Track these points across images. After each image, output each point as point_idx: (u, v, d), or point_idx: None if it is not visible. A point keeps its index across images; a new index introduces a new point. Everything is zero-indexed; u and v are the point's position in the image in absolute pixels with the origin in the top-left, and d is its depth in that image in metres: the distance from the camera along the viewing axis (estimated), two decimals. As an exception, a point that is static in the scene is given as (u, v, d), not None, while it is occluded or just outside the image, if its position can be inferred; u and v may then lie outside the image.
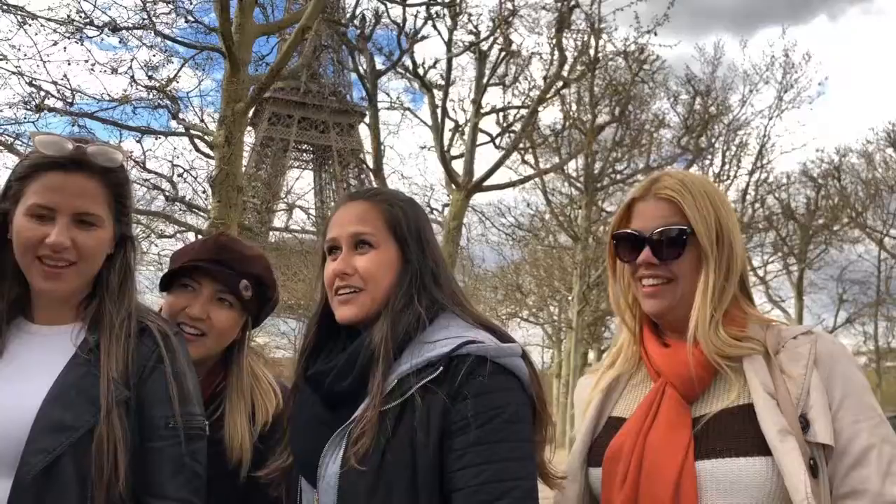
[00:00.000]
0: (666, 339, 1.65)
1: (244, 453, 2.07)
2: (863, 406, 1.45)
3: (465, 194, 16.27)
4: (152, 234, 23.02)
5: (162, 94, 12.72)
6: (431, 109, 16.99)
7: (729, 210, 1.64)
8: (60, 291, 1.71)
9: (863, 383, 1.49)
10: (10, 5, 11.29)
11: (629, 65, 19.52)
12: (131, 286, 1.80)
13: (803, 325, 1.60)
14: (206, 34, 13.42)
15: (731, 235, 1.60)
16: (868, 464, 1.40)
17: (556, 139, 21.21)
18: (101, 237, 1.72)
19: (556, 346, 36.19)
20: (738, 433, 1.44)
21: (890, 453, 1.41)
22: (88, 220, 1.68)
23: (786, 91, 26.21)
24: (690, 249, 1.58)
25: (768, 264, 30.87)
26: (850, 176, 29.26)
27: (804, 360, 1.47)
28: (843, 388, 1.45)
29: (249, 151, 57.93)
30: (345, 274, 1.64)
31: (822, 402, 1.43)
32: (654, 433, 1.50)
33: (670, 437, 1.48)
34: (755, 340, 1.53)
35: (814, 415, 1.42)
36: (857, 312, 31.76)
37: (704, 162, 24.65)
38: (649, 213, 1.63)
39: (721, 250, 1.58)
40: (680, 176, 1.63)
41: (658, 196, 1.63)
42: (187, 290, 2.19)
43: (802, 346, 1.49)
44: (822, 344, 1.50)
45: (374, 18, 15.89)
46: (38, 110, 11.58)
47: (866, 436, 1.41)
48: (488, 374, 1.47)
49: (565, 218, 22.73)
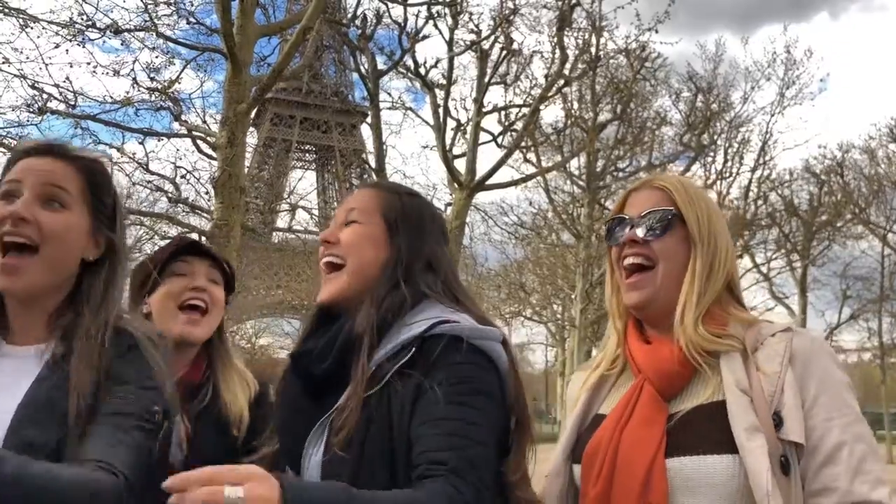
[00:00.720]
0: (648, 336, 1.66)
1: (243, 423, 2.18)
2: (837, 403, 1.44)
3: (467, 193, 16.27)
4: (156, 236, 23.04)
5: (164, 96, 12.74)
6: (433, 109, 17.00)
7: (720, 216, 1.67)
8: (21, 289, 1.53)
9: (839, 380, 1.47)
10: (12, 8, 11.32)
11: (630, 63, 19.50)
12: (115, 298, 1.64)
13: (786, 321, 1.57)
14: (207, 35, 13.46)
15: (718, 235, 1.62)
16: (839, 462, 1.40)
17: (557, 137, 21.19)
18: (68, 220, 1.56)
19: (559, 345, 36.18)
20: (708, 430, 1.45)
21: (861, 451, 1.40)
22: (55, 197, 1.56)
23: (788, 87, 26.21)
24: (674, 232, 1.62)
25: (772, 261, 30.89)
26: (852, 172, 29.25)
27: (779, 357, 1.47)
28: (817, 386, 1.45)
29: (252, 152, 57.97)
30: (327, 242, 1.70)
31: (794, 400, 1.42)
32: (629, 429, 1.51)
33: (643, 433, 1.49)
34: (733, 338, 1.53)
35: (786, 412, 1.42)
36: (861, 309, 31.73)
37: (707, 159, 24.67)
38: (641, 200, 1.69)
39: (707, 243, 1.60)
40: (678, 176, 1.71)
41: (652, 186, 1.70)
42: (180, 276, 2.29)
43: (779, 344, 1.49)
44: (798, 341, 1.49)
45: (376, 18, 15.91)
46: (41, 113, 11.60)
47: (838, 433, 1.41)
48: (463, 353, 1.45)
49: (568, 216, 22.72)
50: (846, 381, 1.49)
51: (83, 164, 1.63)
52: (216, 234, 9.81)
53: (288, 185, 36.91)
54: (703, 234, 1.61)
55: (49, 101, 11.70)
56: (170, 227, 19.56)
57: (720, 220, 1.66)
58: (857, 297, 31.66)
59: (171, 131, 13.13)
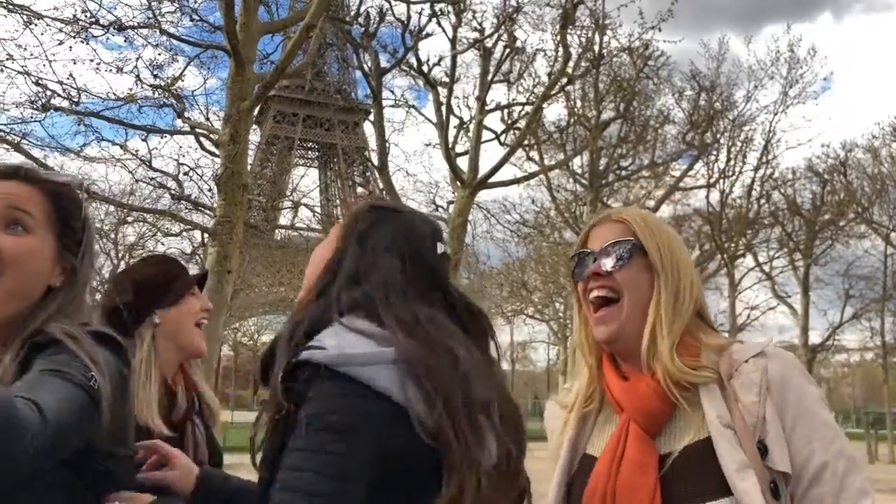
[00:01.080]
0: (624, 371, 1.66)
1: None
2: (815, 425, 1.48)
3: (469, 191, 16.28)
4: (158, 233, 23.06)
5: (167, 93, 12.76)
6: (436, 107, 17.03)
7: (682, 246, 1.69)
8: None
9: (814, 399, 1.51)
10: (16, 5, 11.34)
11: (634, 61, 19.50)
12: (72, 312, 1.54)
13: (755, 343, 1.59)
14: (210, 33, 13.49)
15: (681, 264, 1.64)
16: (823, 482, 1.45)
17: (560, 136, 21.20)
18: (30, 245, 1.50)
19: (561, 343, 36.17)
20: (700, 473, 1.47)
21: (844, 468, 1.45)
22: (18, 221, 1.50)
23: (791, 86, 26.17)
24: (636, 261, 1.64)
25: (774, 260, 30.88)
26: (855, 171, 29.17)
27: (756, 387, 1.49)
28: (794, 410, 1.49)
29: (255, 150, 57.96)
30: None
31: (776, 430, 1.46)
32: (622, 477, 1.52)
33: (638, 482, 1.50)
34: (709, 369, 1.54)
35: (770, 441, 1.46)
36: (864, 308, 31.67)
37: (710, 158, 24.65)
38: (602, 233, 1.70)
39: (670, 272, 1.62)
40: (639, 209, 1.73)
41: (612, 219, 1.72)
42: (193, 296, 2.47)
43: (754, 373, 1.51)
44: (773, 367, 1.52)
45: (379, 16, 15.92)
46: (45, 109, 11.62)
47: (820, 455, 1.46)
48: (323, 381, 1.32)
49: (570, 214, 22.72)
50: (818, 397, 1.53)
51: (50, 187, 1.58)
52: (219, 231, 9.82)
53: (290, 182, 36.94)
54: (665, 263, 1.63)
55: (52, 97, 11.73)
56: (172, 224, 19.64)
57: (682, 249, 1.69)
58: (859, 297, 31.62)
59: (175, 128, 13.15)
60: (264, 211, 22.50)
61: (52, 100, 11.72)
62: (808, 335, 29.71)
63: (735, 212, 26.85)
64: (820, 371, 47.34)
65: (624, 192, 25.07)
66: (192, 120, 13.14)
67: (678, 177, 23.51)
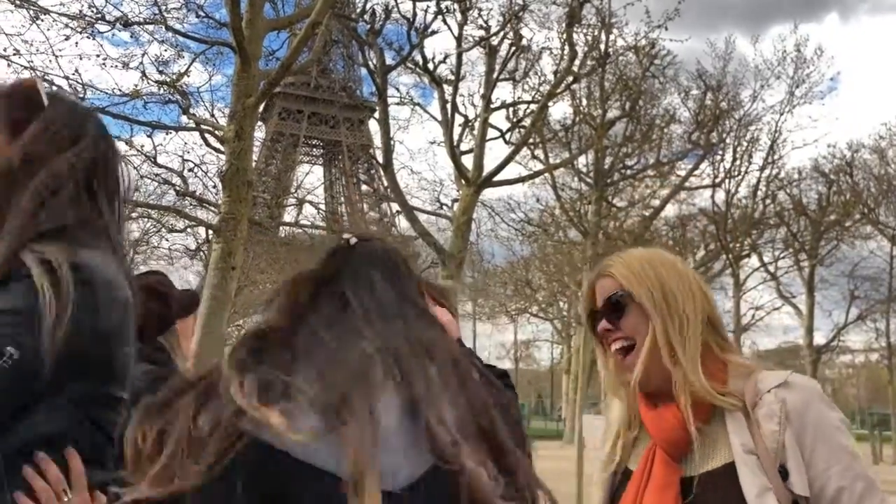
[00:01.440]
0: (656, 401, 1.76)
1: None
2: (833, 450, 1.57)
3: (474, 189, 16.27)
4: (163, 229, 23.06)
5: (173, 89, 12.79)
6: (441, 105, 17.00)
7: (671, 270, 1.78)
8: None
9: (832, 425, 1.60)
10: (23, 0, 11.35)
11: (640, 60, 19.46)
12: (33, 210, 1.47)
13: (778, 373, 1.67)
14: (216, 29, 13.50)
15: (675, 293, 1.74)
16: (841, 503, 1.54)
17: (566, 134, 21.16)
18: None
19: (565, 342, 36.21)
20: (722, 498, 1.57)
21: (861, 489, 1.55)
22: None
23: (797, 86, 26.11)
24: (632, 308, 1.76)
25: (779, 260, 30.82)
26: (862, 171, 29.07)
27: (776, 416, 1.59)
28: (812, 437, 1.58)
29: (260, 146, 58.02)
30: None
31: (796, 456, 1.56)
32: (647, 497, 1.64)
33: (659, 498, 1.62)
34: (734, 396, 1.65)
35: (790, 467, 1.56)
36: (869, 309, 31.62)
37: (715, 157, 24.61)
38: (601, 290, 1.84)
39: (664, 310, 1.72)
40: (623, 254, 1.84)
41: (602, 275, 1.84)
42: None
43: (775, 404, 1.60)
44: (791, 398, 1.61)
45: (385, 13, 15.91)
46: (50, 105, 11.64)
47: (836, 480, 1.55)
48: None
49: (575, 213, 22.67)
50: (839, 424, 1.61)
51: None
52: (223, 227, 9.83)
53: (295, 179, 36.90)
54: (656, 301, 1.73)
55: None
56: (177, 221, 19.62)
57: (671, 275, 1.77)
58: (864, 298, 31.57)
59: (180, 124, 13.20)
60: (269, 208, 22.55)
61: (58, 95, 11.74)
62: (812, 336, 29.68)
63: (740, 212, 26.80)
64: (824, 372, 47.28)
65: (629, 191, 25.01)
66: (198, 116, 13.17)
67: (683, 176, 23.47)
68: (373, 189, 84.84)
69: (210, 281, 9.89)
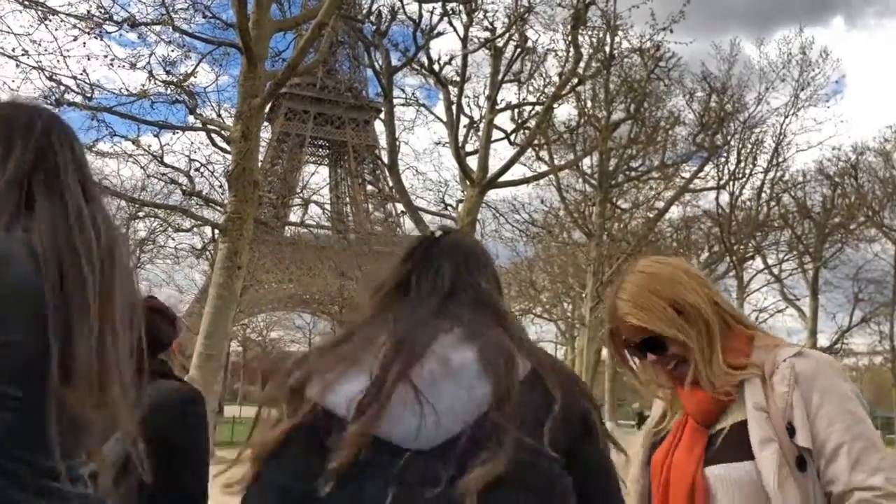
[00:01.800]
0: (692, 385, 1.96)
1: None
2: (838, 411, 1.74)
3: (479, 190, 16.32)
4: (169, 228, 23.14)
5: (179, 90, 12.87)
6: (446, 106, 17.06)
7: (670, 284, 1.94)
8: None
9: (841, 392, 1.77)
10: (32, 1, 11.44)
11: (645, 62, 19.50)
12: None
13: (795, 345, 1.89)
14: (223, 30, 13.58)
15: (685, 303, 1.91)
16: (839, 458, 1.70)
17: (570, 136, 21.21)
18: None
19: (569, 343, 36.16)
20: (737, 444, 1.78)
21: (859, 448, 1.69)
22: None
23: (802, 89, 26.18)
24: (668, 340, 1.92)
25: (783, 262, 30.80)
26: (866, 174, 29.07)
27: (787, 379, 1.78)
28: (819, 399, 1.76)
29: (266, 146, 58.06)
30: None
31: (801, 414, 1.75)
32: (678, 452, 1.89)
33: (688, 456, 1.86)
34: (754, 366, 1.85)
35: (796, 423, 1.74)
36: (873, 312, 31.59)
37: (720, 160, 24.64)
38: (627, 332, 1.97)
39: (689, 319, 1.90)
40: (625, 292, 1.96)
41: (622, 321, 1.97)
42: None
43: (787, 369, 1.80)
44: (801, 365, 1.80)
45: (391, 14, 15.98)
46: (58, 105, 11.73)
47: (837, 437, 1.71)
48: None
49: (579, 214, 22.73)
50: (849, 392, 1.78)
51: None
52: (229, 227, 9.89)
53: (301, 179, 36.96)
54: (681, 328, 1.89)
55: (66, 93, 11.85)
56: (183, 220, 19.74)
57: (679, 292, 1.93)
58: (869, 300, 31.54)
59: (186, 124, 13.30)
60: (274, 208, 22.62)
61: (66, 95, 11.84)
62: (816, 338, 29.65)
63: (744, 214, 26.82)
64: (828, 375, 47.05)
65: (633, 192, 25.06)
66: (204, 116, 13.25)
67: (688, 178, 23.51)
68: (378, 189, 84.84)
69: (216, 280, 9.96)
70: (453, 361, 1.21)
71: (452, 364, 1.20)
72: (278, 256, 62.64)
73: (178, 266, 32.72)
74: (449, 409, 1.16)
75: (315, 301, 51.23)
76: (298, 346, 70.49)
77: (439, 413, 1.15)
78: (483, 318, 1.33)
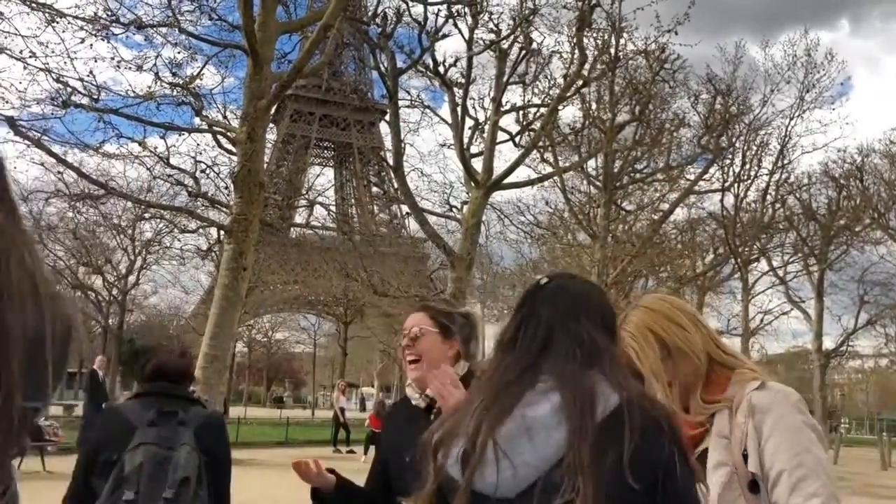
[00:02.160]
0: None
1: None
2: (785, 441, 1.90)
3: (484, 192, 16.35)
4: (175, 229, 23.21)
5: (186, 91, 12.90)
6: (451, 107, 17.09)
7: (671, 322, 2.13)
8: None
9: (793, 423, 1.93)
10: (39, 3, 11.50)
11: (650, 64, 19.50)
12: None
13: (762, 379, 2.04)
14: (229, 32, 13.62)
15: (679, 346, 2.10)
16: (780, 484, 1.86)
17: (575, 138, 21.21)
18: None
19: (574, 345, 36.11)
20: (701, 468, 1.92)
21: (799, 474, 1.85)
22: None
23: (807, 91, 26.12)
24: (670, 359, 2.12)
25: (788, 264, 30.74)
26: (872, 176, 28.97)
27: (744, 411, 1.97)
28: (770, 429, 1.93)
29: (271, 148, 58.15)
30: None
31: (753, 443, 1.92)
32: None
33: None
34: (726, 399, 2.03)
35: (749, 450, 1.92)
36: (879, 314, 31.47)
37: (725, 162, 24.59)
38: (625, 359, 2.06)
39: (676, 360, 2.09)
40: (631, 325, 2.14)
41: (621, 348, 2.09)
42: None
43: (746, 401, 1.98)
44: (757, 397, 1.97)
45: (396, 16, 16.02)
46: (65, 106, 11.79)
47: (780, 464, 1.87)
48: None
49: (584, 216, 22.72)
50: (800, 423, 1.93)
51: None
52: (235, 228, 9.93)
53: (306, 181, 36.98)
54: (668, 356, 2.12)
55: (73, 94, 11.89)
56: (189, 221, 19.76)
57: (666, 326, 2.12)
58: (874, 303, 31.43)
59: (192, 126, 13.30)
60: (280, 209, 22.64)
61: (73, 97, 11.89)
62: (821, 340, 29.59)
63: (749, 216, 26.78)
64: (833, 377, 47.04)
65: (638, 194, 25.04)
66: (210, 118, 13.28)
67: (693, 180, 23.47)
68: (383, 191, 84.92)
69: (221, 281, 10.00)
70: (528, 417, 1.41)
71: (527, 420, 1.41)
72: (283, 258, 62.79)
73: (183, 267, 32.88)
74: (523, 463, 1.38)
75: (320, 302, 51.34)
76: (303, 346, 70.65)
77: (516, 466, 1.38)
78: (574, 363, 1.48)
